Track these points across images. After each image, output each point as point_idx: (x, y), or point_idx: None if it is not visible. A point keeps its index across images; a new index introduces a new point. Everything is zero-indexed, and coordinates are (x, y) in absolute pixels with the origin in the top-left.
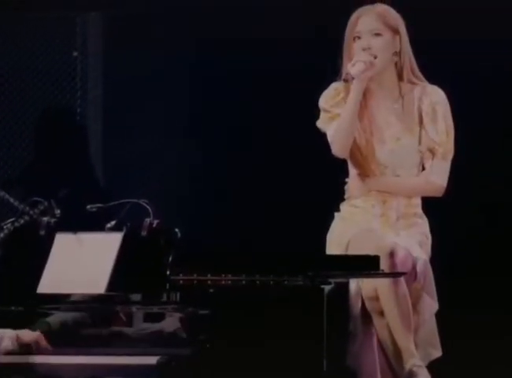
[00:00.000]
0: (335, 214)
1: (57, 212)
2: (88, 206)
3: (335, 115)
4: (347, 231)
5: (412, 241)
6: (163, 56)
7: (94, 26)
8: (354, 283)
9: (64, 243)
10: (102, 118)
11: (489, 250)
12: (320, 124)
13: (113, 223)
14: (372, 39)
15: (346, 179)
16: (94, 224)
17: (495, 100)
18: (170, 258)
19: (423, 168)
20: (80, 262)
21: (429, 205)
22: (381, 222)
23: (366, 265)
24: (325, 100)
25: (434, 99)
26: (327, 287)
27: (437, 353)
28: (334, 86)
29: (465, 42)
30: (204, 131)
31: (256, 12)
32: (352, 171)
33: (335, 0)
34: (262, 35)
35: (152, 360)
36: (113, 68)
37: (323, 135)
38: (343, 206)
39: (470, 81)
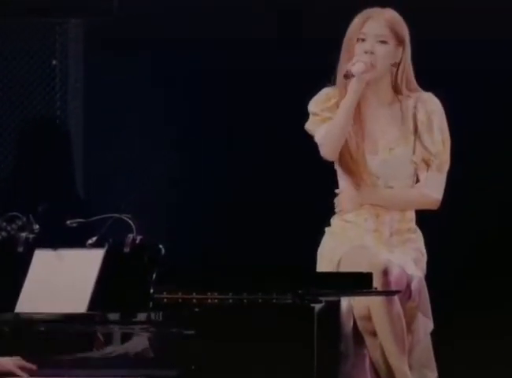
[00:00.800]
0: (326, 229)
1: (36, 227)
2: (68, 221)
3: (326, 118)
4: (339, 248)
5: (407, 258)
6: (146, 65)
7: (74, 33)
8: (345, 302)
9: (43, 260)
10: (83, 130)
11: (488, 263)
12: (309, 126)
13: (94, 239)
14: (377, 46)
15: (336, 191)
16: (74, 240)
17: (493, 106)
18: (154, 276)
19: (417, 180)
20: (60, 280)
21: (423, 217)
22: (374, 238)
23: (359, 283)
24: (316, 104)
25: (430, 108)
26: (317, 306)
27: (433, 375)
28: (325, 91)
29: (462, 43)
30: (190, 142)
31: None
32: (342, 183)
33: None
34: (262, 35)
35: None
36: (94, 77)
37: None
38: (334, 221)
39: (467, 84)
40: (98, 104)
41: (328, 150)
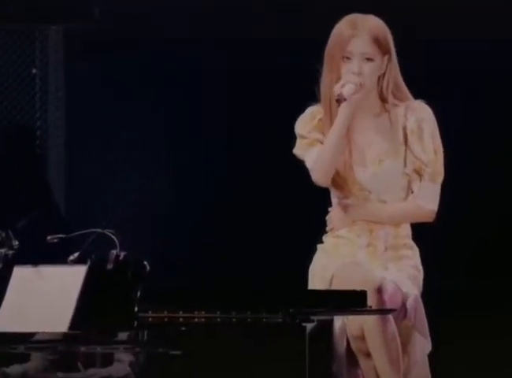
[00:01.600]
0: (318, 246)
1: (15, 243)
2: (49, 237)
3: (314, 140)
4: (331, 264)
5: (402, 275)
6: (132, 71)
7: (54, 40)
8: (338, 321)
9: (22, 277)
10: (65, 142)
11: (488, 280)
12: (297, 151)
13: (76, 255)
14: (364, 65)
15: (330, 209)
16: (55, 256)
17: (491, 111)
18: (138, 293)
19: (412, 192)
20: (41, 298)
21: (419, 231)
22: (368, 253)
23: (352, 301)
24: (302, 125)
25: (420, 116)
26: (309, 325)
27: None
28: (310, 110)
29: (460, 44)
30: (176, 154)
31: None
32: (335, 200)
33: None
34: (263, 35)
35: None
36: (77, 86)
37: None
38: (326, 238)
39: (463, 87)
40: (81, 114)
41: (320, 176)
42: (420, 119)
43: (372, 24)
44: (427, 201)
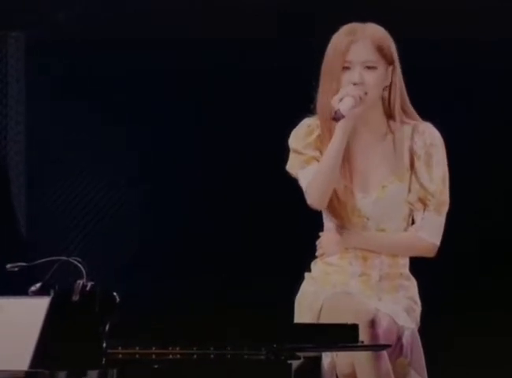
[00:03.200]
0: (306, 274)
1: None
2: (8, 265)
3: (310, 158)
4: (320, 294)
5: (397, 307)
6: (96, 85)
7: (14, 48)
8: (327, 358)
9: None
10: (26, 159)
11: (487, 313)
12: (290, 168)
13: (38, 285)
14: (366, 74)
15: (320, 234)
16: (14, 286)
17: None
18: (107, 328)
19: (412, 223)
20: None
21: (416, 262)
22: (361, 282)
23: (342, 336)
24: (297, 140)
25: (428, 140)
26: (295, 362)
27: None
28: (307, 122)
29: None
30: (145, 173)
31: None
32: (328, 224)
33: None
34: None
35: None
36: (39, 99)
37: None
38: (315, 265)
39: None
40: (43, 129)
41: (315, 198)
42: (428, 144)
43: (374, 30)
44: (430, 233)
